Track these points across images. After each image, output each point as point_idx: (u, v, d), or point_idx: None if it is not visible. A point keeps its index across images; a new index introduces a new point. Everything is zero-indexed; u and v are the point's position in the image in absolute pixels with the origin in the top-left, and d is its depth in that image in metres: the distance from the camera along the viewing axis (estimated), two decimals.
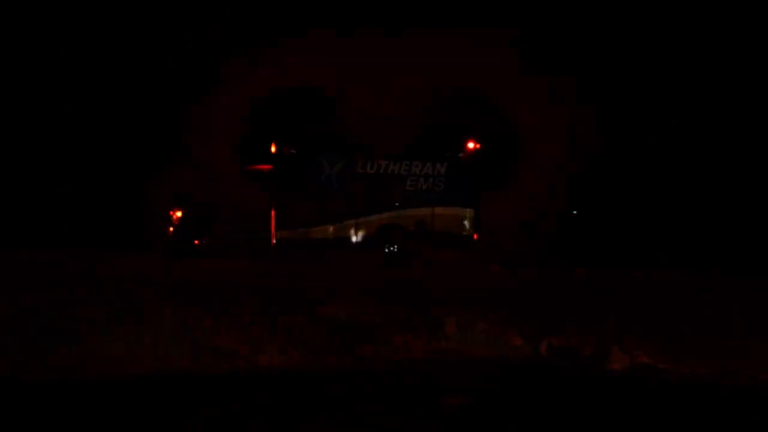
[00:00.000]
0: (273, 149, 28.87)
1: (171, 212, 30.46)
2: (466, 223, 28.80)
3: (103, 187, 35.23)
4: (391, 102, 34.84)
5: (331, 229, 28.59)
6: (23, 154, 34.66)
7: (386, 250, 28.56)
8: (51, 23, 35.66)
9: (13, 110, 34.93)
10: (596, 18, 36.90)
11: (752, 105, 35.47)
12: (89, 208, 34.15)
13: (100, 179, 35.38)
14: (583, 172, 35.16)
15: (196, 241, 29.46)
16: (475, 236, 28.98)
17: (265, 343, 13.42)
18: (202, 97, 35.14)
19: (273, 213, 28.40)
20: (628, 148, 36.84)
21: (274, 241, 28.35)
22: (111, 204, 34.55)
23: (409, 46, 34.92)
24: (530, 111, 35.26)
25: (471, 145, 29.21)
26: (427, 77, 34.85)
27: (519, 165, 33.53)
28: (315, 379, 12.64)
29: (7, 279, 18.86)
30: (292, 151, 28.84)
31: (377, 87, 35.31)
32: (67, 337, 12.95)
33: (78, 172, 35.30)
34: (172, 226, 30.25)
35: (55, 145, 34.99)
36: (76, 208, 33.86)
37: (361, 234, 28.76)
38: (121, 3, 35.94)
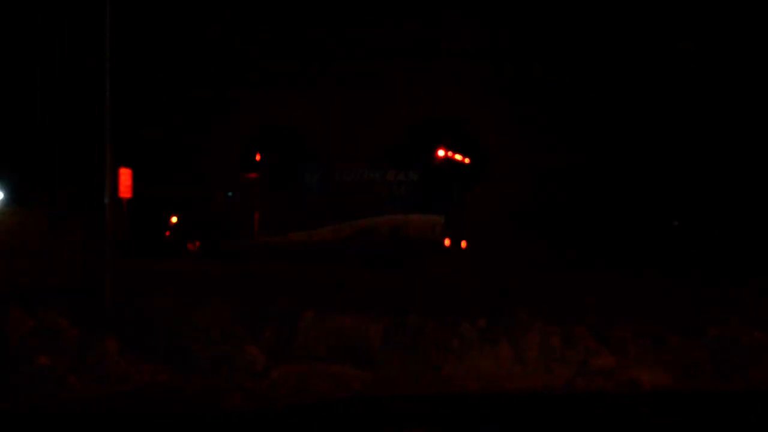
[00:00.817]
0: (258, 157, 30.74)
1: (168, 217, 31.72)
2: (436, 228, 29.43)
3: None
4: (369, 115, 36.57)
5: (310, 233, 29.90)
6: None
7: (361, 254, 29.03)
8: (54, 27, 36.97)
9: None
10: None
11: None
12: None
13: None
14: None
15: (189, 245, 30.65)
16: (447, 242, 29.56)
17: (646, 363, 12.79)
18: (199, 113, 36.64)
19: (257, 218, 30.25)
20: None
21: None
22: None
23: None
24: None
25: (441, 153, 30.15)
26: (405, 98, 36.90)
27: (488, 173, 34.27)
28: (702, 401, 11.96)
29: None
30: (275, 160, 30.80)
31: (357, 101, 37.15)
32: (444, 353, 12.80)
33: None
34: (168, 230, 31.33)
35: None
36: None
37: (338, 238, 29.83)
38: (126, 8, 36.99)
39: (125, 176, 17.82)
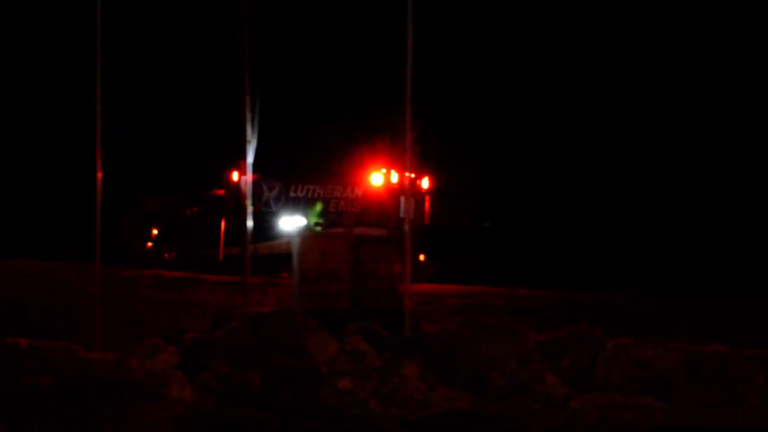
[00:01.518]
0: (232, 177, 32.46)
1: (150, 230, 34.42)
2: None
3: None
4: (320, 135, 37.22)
5: (267, 246, 30.82)
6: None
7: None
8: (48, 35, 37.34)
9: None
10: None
11: None
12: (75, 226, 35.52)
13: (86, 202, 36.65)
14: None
15: (165, 254, 33.03)
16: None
17: None
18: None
19: (222, 232, 32.22)
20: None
21: (222, 258, 31.93)
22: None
23: None
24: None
25: (384, 170, 31.74)
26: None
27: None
28: None
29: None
30: (239, 178, 32.06)
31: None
32: (748, 386, 12.35)
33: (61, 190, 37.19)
34: (150, 241, 33.79)
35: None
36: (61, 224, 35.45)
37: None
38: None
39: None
